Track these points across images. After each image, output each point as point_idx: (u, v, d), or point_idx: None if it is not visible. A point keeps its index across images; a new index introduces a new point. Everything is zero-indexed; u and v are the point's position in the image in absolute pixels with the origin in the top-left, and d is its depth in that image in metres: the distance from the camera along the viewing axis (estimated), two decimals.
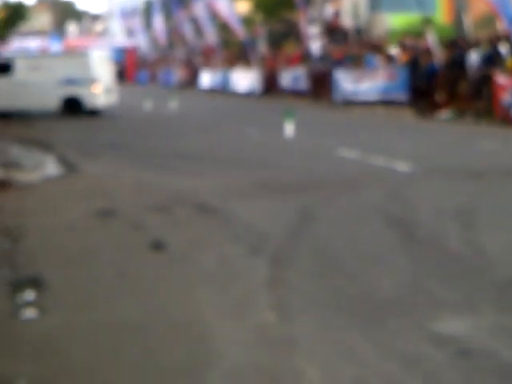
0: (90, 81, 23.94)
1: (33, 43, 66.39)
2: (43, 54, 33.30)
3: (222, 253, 6.60)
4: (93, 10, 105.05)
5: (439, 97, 21.14)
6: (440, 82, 20.83)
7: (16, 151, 15.06)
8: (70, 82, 23.98)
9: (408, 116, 21.14)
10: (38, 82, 23.74)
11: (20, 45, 64.00)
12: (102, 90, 24.18)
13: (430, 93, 21.12)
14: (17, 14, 36.93)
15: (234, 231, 7.43)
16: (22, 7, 37.76)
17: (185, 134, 18.33)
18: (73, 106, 23.95)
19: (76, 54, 27.89)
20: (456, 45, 21.75)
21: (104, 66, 25.37)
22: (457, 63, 20.75)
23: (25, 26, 54.10)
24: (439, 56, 21.38)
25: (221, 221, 8.03)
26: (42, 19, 76.67)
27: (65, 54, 28.62)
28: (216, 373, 4.05)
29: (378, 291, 5.42)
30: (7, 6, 36.34)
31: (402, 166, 11.39)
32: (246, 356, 4.28)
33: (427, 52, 21.98)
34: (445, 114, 20.39)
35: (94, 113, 24.25)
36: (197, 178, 10.88)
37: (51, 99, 23.71)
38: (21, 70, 24.18)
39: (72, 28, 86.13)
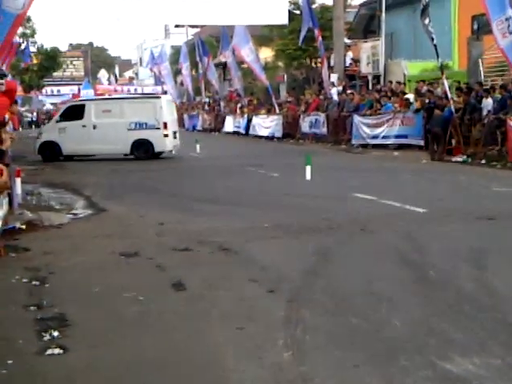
0: (159, 125, 24.49)
1: (64, 89, 67.60)
2: (114, 97, 33.62)
3: (240, 292, 6.75)
4: (124, 55, 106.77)
5: (454, 141, 21.31)
6: (455, 126, 21.02)
7: (46, 193, 15.39)
8: (140, 125, 24.60)
9: (423, 159, 21.30)
10: (109, 126, 24.34)
11: (52, 91, 65.25)
12: (170, 133, 24.75)
13: (446, 137, 21.30)
14: (51, 61, 37.56)
15: (251, 271, 7.57)
16: (55, 54, 38.38)
17: (208, 176, 18.56)
18: (143, 149, 24.56)
19: (147, 97, 28.35)
20: (471, 90, 21.97)
21: (170, 110, 25.94)
22: (472, 108, 20.96)
23: (57, 73, 55.14)
24: (454, 101, 21.60)
25: (239, 261, 8.20)
26: (74, 65, 77.99)
27: (135, 98, 28.89)
28: None
29: (390, 330, 5.54)
30: (41, 53, 36.99)
31: (417, 208, 11.54)
32: None
33: (442, 97, 22.22)
34: (459, 157, 20.54)
35: (160, 155, 24.84)
36: (218, 220, 11.07)
37: (123, 142, 24.35)
38: (93, 113, 24.81)
39: (102, 74, 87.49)
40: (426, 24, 22.46)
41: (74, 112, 25.13)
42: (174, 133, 25.51)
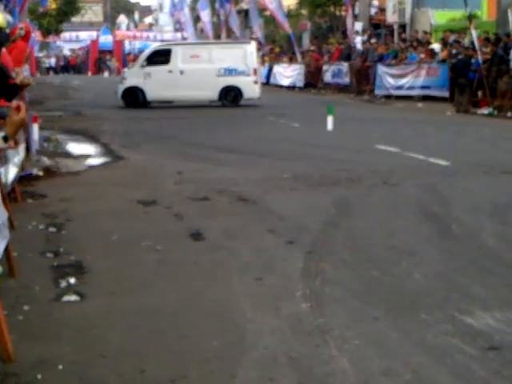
0: (249, 71, 24.25)
1: (83, 35, 67.30)
2: (202, 42, 33.50)
3: (259, 243, 6.70)
4: (144, 1, 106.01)
5: (480, 93, 20.99)
6: (481, 77, 20.66)
7: (63, 140, 15.36)
8: (230, 71, 24.22)
9: (448, 111, 21.02)
10: (197, 71, 23.95)
11: (70, 37, 64.97)
12: (258, 80, 24.54)
13: (472, 89, 20.97)
14: (69, 5, 37.26)
15: (270, 222, 7.51)
16: None
17: (227, 125, 18.47)
18: (232, 96, 24.33)
19: (236, 43, 28.25)
20: (499, 41, 21.54)
21: (256, 58, 25.59)
22: (499, 59, 20.57)
23: (76, 18, 54.75)
24: (482, 52, 21.20)
25: (258, 211, 8.14)
26: (93, 11, 77.49)
27: (223, 44, 28.72)
28: (249, 360, 4.13)
29: (411, 284, 5.48)
30: None
31: (440, 161, 11.39)
32: (279, 345, 4.36)
33: (470, 48, 21.83)
34: (485, 109, 20.24)
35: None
36: (237, 170, 11.02)
37: (211, 89, 24.01)
38: (180, 58, 24.34)
39: (122, 20, 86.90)
40: None
41: (160, 56, 24.54)
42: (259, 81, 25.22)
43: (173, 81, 23.95)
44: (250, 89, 24.28)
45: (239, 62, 24.20)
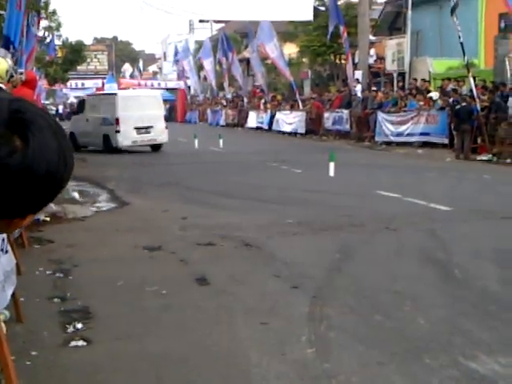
0: (112, 120, 25.71)
1: (88, 83, 68.05)
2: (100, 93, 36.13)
3: (264, 287, 6.75)
4: (148, 50, 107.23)
5: (479, 139, 21.19)
6: (480, 124, 20.89)
7: (69, 186, 15.47)
8: (105, 121, 26.26)
9: (448, 157, 21.20)
10: (96, 119, 26.56)
11: (76, 84, 65.69)
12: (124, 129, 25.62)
13: (471, 135, 21.19)
14: (75, 54, 37.69)
15: (275, 267, 7.57)
16: (80, 47, 38.51)
17: (231, 171, 18.58)
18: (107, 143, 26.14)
19: (108, 95, 29.71)
20: (497, 89, 21.82)
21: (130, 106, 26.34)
22: (497, 107, 20.81)
23: (81, 66, 55.35)
24: (480, 99, 21.46)
25: (262, 256, 8.20)
26: (99, 59, 78.38)
27: (102, 95, 30.73)
28: None
29: (414, 328, 5.51)
30: (66, 46, 37.11)
31: (441, 207, 11.48)
32: None
33: (467, 96, 22.10)
34: (484, 156, 20.41)
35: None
36: (240, 215, 11.09)
37: (97, 136, 26.23)
38: (87, 108, 27.59)
39: (126, 68, 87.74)
40: (456, 22, 22.32)
41: (81, 106, 28.81)
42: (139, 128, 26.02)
43: (84, 127, 27.04)
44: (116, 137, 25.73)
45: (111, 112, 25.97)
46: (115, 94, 28.40)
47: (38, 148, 1.21)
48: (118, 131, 25.63)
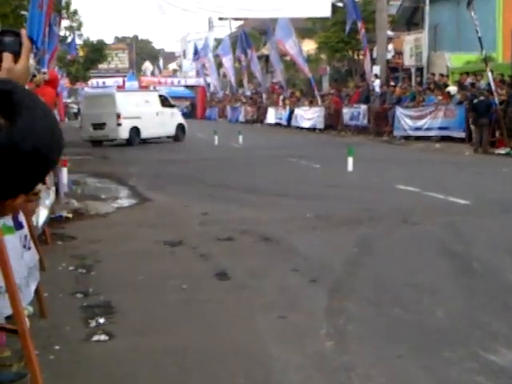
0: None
1: (109, 81, 68.43)
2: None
3: (283, 281, 6.81)
4: (168, 48, 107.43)
5: (498, 133, 21.09)
6: (498, 118, 20.79)
7: (91, 183, 15.64)
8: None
9: (466, 151, 21.13)
10: None
11: (97, 83, 66.10)
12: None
13: (489, 129, 21.10)
14: (96, 53, 37.97)
15: (294, 261, 7.62)
16: (101, 46, 38.77)
17: (250, 167, 18.64)
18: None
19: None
20: None
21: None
22: None
23: (102, 65, 55.71)
24: (498, 93, 21.35)
25: (282, 251, 8.24)
26: (119, 58, 78.74)
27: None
28: None
29: (433, 321, 5.54)
30: (88, 45, 37.38)
31: (460, 200, 11.47)
32: (304, 382, 4.45)
33: (485, 90, 22.01)
34: (503, 149, 20.33)
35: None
36: (260, 210, 11.14)
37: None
38: None
39: (147, 66, 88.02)
40: (472, 16, 22.22)
41: None
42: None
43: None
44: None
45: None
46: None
47: (25, 127, 1.27)
48: (80, 127, 28.90)
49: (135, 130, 28.10)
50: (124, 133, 27.92)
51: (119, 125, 27.70)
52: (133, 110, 27.84)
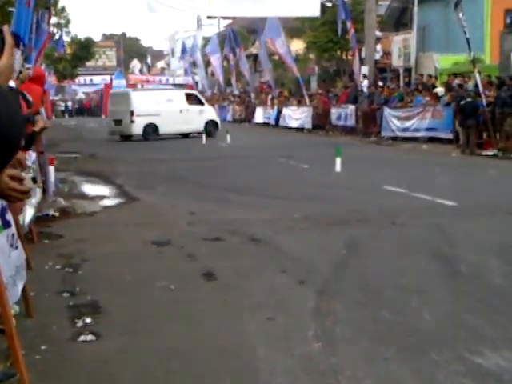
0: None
1: (97, 79, 68.29)
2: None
3: (271, 282, 6.80)
4: (156, 46, 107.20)
5: (485, 135, 21.19)
6: (486, 120, 20.88)
7: (79, 181, 15.57)
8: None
9: (453, 153, 21.21)
10: None
11: (85, 80, 65.94)
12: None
13: (476, 131, 21.20)
14: (84, 50, 37.82)
15: (282, 262, 7.61)
16: (89, 43, 38.62)
17: (238, 166, 18.63)
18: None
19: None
20: (503, 84, 21.80)
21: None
22: (503, 102, 20.79)
23: (90, 62, 55.57)
24: (486, 95, 21.45)
25: (270, 251, 8.24)
26: (107, 56, 78.60)
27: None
28: None
29: (420, 323, 5.55)
30: (75, 42, 37.22)
31: (447, 202, 11.51)
32: None
33: (472, 92, 22.10)
34: (490, 151, 20.42)
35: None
36: (248, 211, 11.14)
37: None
38: None
39: (135, 64, 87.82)
40: (460, 17, 22.31)
41: None
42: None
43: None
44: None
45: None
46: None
47: None
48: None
49: (152, 127, 29.79)
50: (138, 129, 29.77)
51: (132, 122, 29.59)
52: (150, 108, 29.58)
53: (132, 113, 29.40)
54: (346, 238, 8.78)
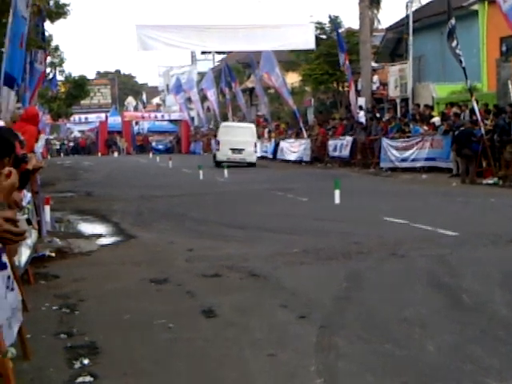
0: None
1: (92, 116, 68.54)
2: None
3: (271, 318, 6.70)
4: (151, 82, 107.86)
5: (485, 163, 21.20)
6: (485, 148, 20.90)
7: (75, 220, 15.49)
8: None
9: (453, 182, 21.20)
10: None
11: (80, 118, 66.13)
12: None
13: (474, 159, 21.20)
14: (78, 89, 37.88)
15: (282, 297, 7.52)
16: (83, 82, 38.68)
17: (236, 201, 18.58)
18: None
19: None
20: (501, 112, 21.85)
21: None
22: (501, 130, 20.83)
23: (85, 101, 55.73)
24: (484, 123, 21.50)
25: (270, 287, 8.15)
26: (102, 93, 78.96)
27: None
28: None
29: (424, 356, 5.46)
30: (69, 81, 37.30)
31: (449, 232, 11.45)
32: None
33: (468, 121, 22.17)
34: (490, 180, 20.39)
35: None
36: (247, 246, 11.06)
37: None
38: None
39: (130, 101, 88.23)
40: (454, 46, 22.44)
41: None
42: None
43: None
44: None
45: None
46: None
47: None
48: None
49: None
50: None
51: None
52: None
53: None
54: (347, 271, 8.70)
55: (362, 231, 12.11)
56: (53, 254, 10.50)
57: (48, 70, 30.25)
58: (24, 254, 7.86)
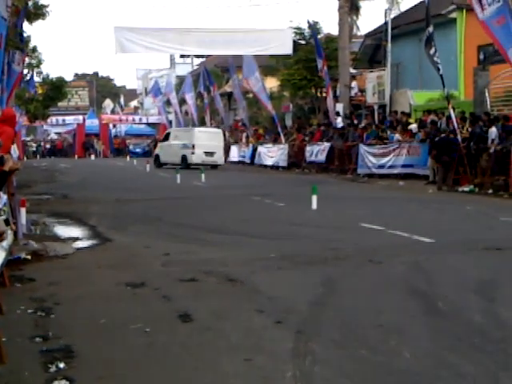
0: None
1: (69, 119, 68.17)
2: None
3: (248, 323, 6.69)
4: (129, 85, 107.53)
5: (461, 170, 21.36)
6: (461, 155, 21.06)
7: (51, 223, 15.36)
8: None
9: (430, 189, 21.32)
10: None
11: (57, 120, 65.76)
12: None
13: (451, 167, 21.36)
14: (56, 91, 37.60)
15: (259, 302, 7.51)
16: (61, 83, 38.39)
17: (213, 206, 18.56)
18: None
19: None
20: (477, 120, 22.04)
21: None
22: (477, 138, 21.01)
23: (62, 103, 55.40)
24: (460, 131, 21.67)
25: (246, 292, 8.14)
26: (80, 95, 78.61)
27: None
28: None
29: (400, 362, 5.47)
30: (47, 83, 37.02)
31: (425, 238, 11.51)
32: None
33: (445, 130, 22.34)
34: (466, 187, 20.55)
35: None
36: (223, 250, 11.05)
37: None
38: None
39: (107, 104, 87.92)
40: (432, 54, 22.62)
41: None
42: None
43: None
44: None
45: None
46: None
47: None
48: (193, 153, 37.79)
49: None
50: None
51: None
52: None
53: None
54: (324, 277, 8.71)
55: (338, 237, 12.15)
56: (28, 257, 10.41)
57: (26, 71, 30.02)
58: (0, 257, 7.78)
